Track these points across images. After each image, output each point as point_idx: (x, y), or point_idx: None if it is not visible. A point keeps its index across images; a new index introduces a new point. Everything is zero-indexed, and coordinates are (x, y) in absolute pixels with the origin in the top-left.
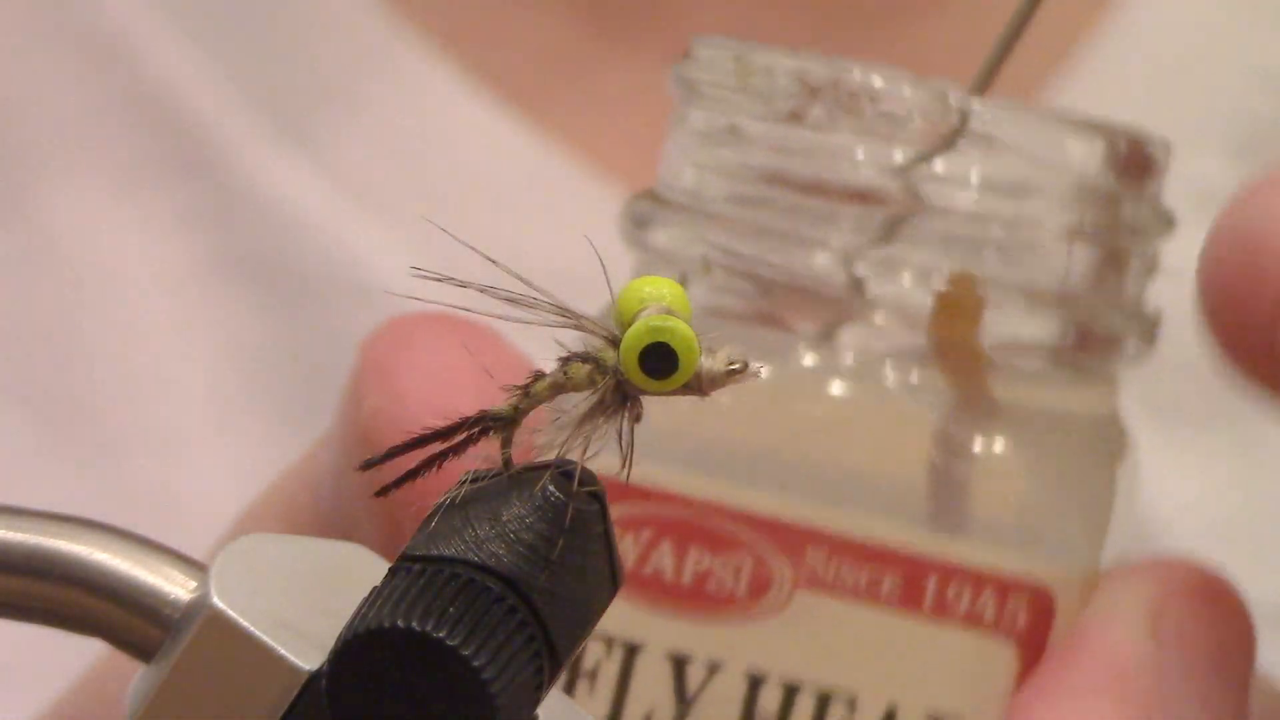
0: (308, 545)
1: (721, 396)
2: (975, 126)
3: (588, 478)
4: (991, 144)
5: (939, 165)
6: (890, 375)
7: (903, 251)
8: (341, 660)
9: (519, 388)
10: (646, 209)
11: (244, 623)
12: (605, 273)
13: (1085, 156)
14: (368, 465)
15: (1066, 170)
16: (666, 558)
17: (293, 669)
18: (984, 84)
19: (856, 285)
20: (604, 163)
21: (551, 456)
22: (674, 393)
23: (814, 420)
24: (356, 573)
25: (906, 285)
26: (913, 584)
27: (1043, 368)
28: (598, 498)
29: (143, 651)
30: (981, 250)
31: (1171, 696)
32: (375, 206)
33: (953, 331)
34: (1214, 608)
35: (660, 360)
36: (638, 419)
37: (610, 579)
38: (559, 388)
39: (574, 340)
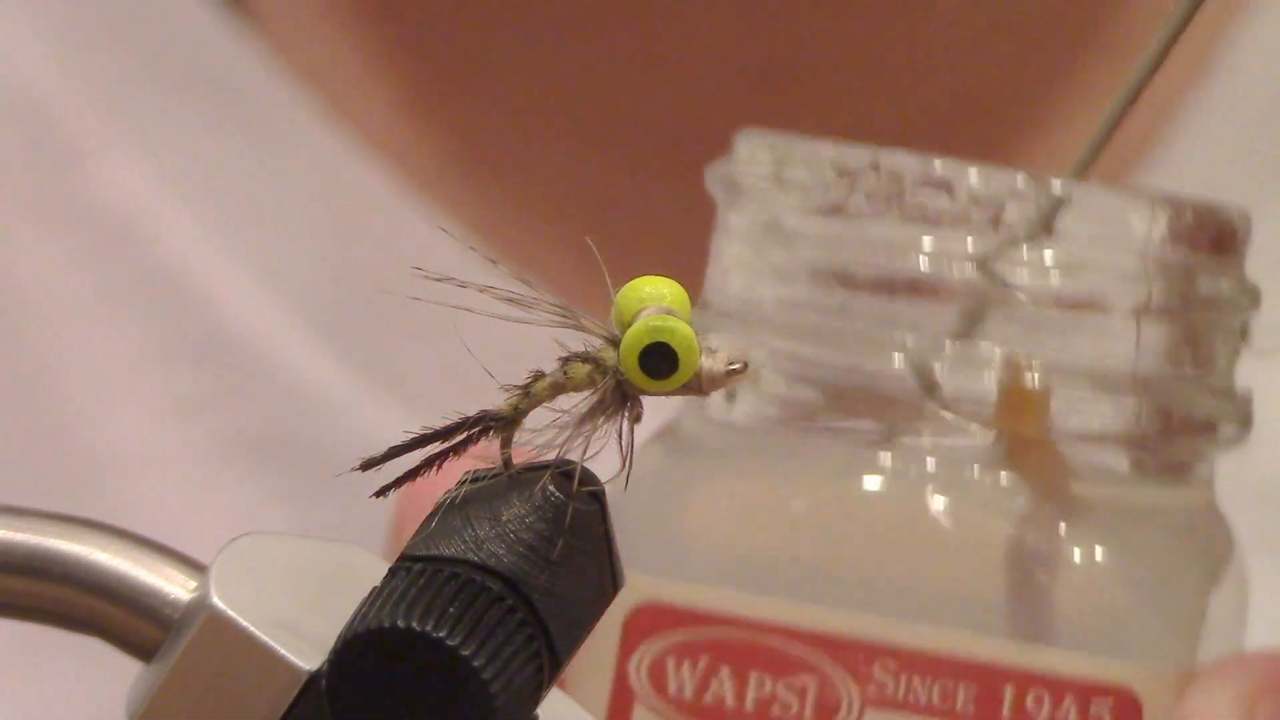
0: (308, 545)
1: (777, 510)
2: (1030, 209)
3: (588, 478)
4: (1050, 224)
5: (1000, 251)
6: (960, 479)
7: (964, 346)
8: (341, 660)
9: (519, 388)
10: (695, 318)
11: (244, 623)
12: (605, 273)
13: (1147, 230)
14: (367, 465)
15: (1128, 245)
16: (727, 685)
17: (293, 669)
18: (1084, 169)
19: (924, 384)
20: None
21: (551, 456)
22: (674, 393)
23: (879, 531)
24: (356, 573)
25: (968, 380)
26: (989, 696)
27: (1126, 460)
28: (598, 498)
29: (143, 651)
30: (1045, 337)
31: None
32: (396, 387)
33: (1020, 426)
34: None
35: (660, 360)
36: (638, 419)
37: (610, 579)
38: (559, 388)
39: (574, 340)
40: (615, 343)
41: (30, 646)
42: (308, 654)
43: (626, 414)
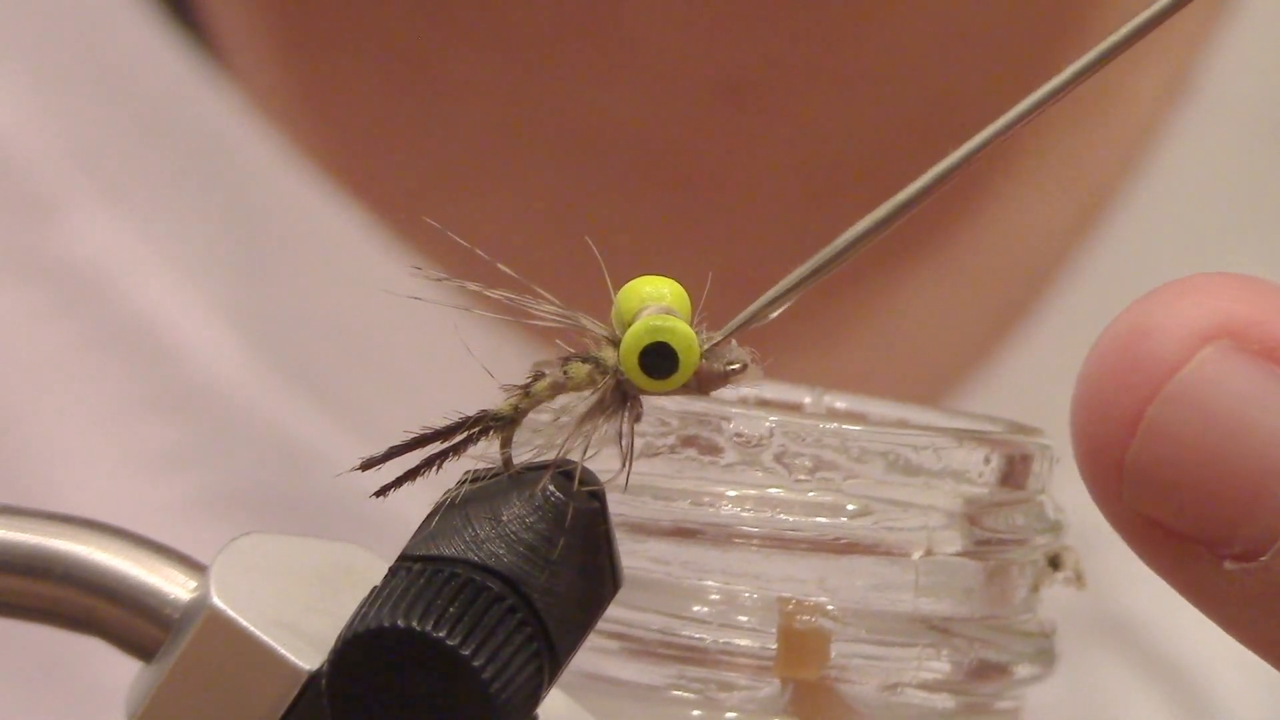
0: (308, 545)
1: None
2: (823, 450)
3: (588, 478)
4: (839, 466)
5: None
6: None
7: (754, 587)
8: (341, 660)
9: (519, 387)
10: None
11: (244, 622)
12: (605, 272)
13: (937, 468)
14: (367, 465)
15: (914, 485)
16: None
17: (293, 669)
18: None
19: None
20: None
21: (551, 456)
22: (674, 392)
23: None
24: (356, 573)
25: (753, 624)
26: None
27: (919, 701)
28: (598, 497)
29: (143, 651)
30: (829, 578)
31: None
32: (377, 436)
33: (800, 671)
34: None
35: (660, 360)
36: (638, 419)
37: (611, 579)
38: (559, 388)
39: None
40: (615, 342)
41: (30, 646)
42: (308, 654)
43: (626, 414)
